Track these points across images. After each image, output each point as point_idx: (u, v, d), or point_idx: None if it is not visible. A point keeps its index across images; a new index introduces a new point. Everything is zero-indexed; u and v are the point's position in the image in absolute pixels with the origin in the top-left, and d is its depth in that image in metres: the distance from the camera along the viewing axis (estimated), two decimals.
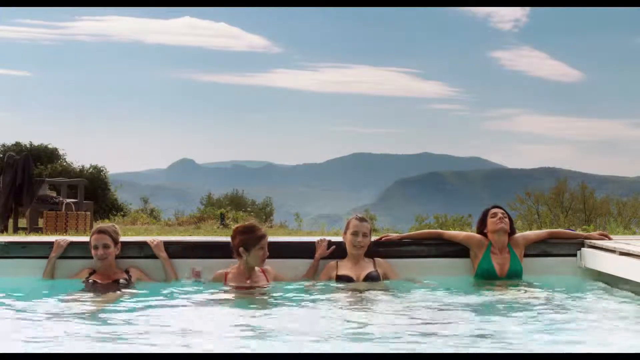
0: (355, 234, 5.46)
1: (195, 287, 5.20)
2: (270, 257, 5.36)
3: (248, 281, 5.23)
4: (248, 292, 5.11)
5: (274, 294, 5.04)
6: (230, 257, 5.33)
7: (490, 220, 5.59)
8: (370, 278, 5.35)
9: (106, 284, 5.15)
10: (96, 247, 5.23)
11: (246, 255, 5.20)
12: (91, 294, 4.95)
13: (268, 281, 5.30)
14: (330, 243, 5.61)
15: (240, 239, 5.22)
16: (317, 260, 5.55)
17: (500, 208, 5.68)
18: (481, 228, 5.67)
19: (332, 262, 5.51)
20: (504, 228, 5.54)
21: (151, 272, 5.46)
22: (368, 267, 5.44)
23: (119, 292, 5.04)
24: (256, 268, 5.29)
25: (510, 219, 5.65)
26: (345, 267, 5.45)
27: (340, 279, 5.37)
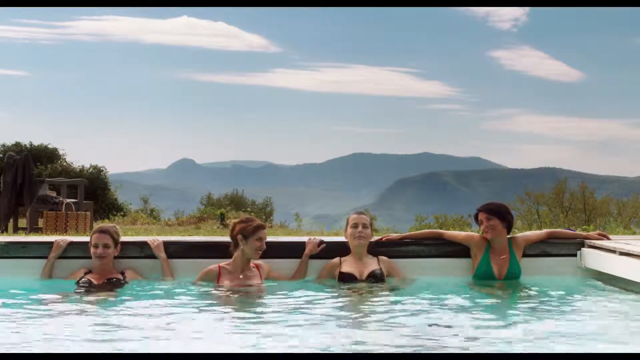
0: (354, 226, 5.47)
1: (190, 287, 5.20)
2: (269, 257, 5.39)
3: (241, 276, 5.25)
4: (245, 291, 5.12)
5: (275, 293, 5.04)
6: (230, 257, 5.34)
7: (481, 227, 5.58)
8: (374, 276, 5.36)
9: (101, 283, 5.15)
10: (96, 246, 5.23)
11: (243, 244, 5.23)
12: (85, 294, 4.95)
13: (261, 278, 5.32)
14: (321, 242, 5.61)
15: (239, 228, 5.27)
16: (306, 257, 5.55)
17: (485, 211, 5.50)
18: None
19: (336, 260, 5.51)
20: (492, 236, 5.51)
21: (149, 272, 5.46)
22: (372, 265, 5.44)
23: (113, 291, 5.04)
24: (250, 263, 5.31)
25: (500, 213, 5.50)
26: (348, 265, 5.45)
27: (343, 276, 5.38)
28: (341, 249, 5.55)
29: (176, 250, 5.59)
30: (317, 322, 4.21)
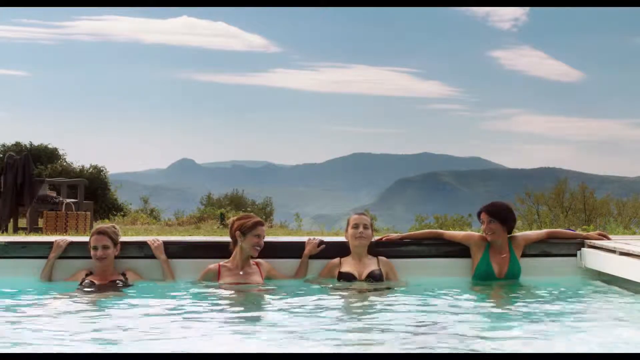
0: (355, 226, 5.47)
1: (191, 287, 5.21)
2: (269, 257, 5.40)
3: (241, 272, 5.26)
4: (245, 290, 5.12)
5: (274, 293, 5.04)
6: (229, 257, 5.35)
7: (482, 227, 5.58)
8: (373, 276, 5.36)
9: (103, 284, 5.14)
10: (95, 248, 5.23)
11: (241, 240, 5.26)
12: (88, 295, 4.95)
13: (262, 275, 5.34)
14: (321, 242, 5.61)
15: (238, 224, 5.32)
16: (306, 257, 5.56)
17: (488, 212, 5.51)
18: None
19: (336, 260, 5.51)
20: (492, 239, 5.52)
21: (150, 272, 5.45)
22: (371, 265, 5.45)
23: (115, 292, 5.04)
24: (250, 261, 5.33)
25: (502, 217, 5.51)
26: (348, 264, 5.46)
27: (342, 275, 5.38)
28: (341, 249, 5.55)
29: (176, 250, 5.59)
30: (316, 321, 4.21)
